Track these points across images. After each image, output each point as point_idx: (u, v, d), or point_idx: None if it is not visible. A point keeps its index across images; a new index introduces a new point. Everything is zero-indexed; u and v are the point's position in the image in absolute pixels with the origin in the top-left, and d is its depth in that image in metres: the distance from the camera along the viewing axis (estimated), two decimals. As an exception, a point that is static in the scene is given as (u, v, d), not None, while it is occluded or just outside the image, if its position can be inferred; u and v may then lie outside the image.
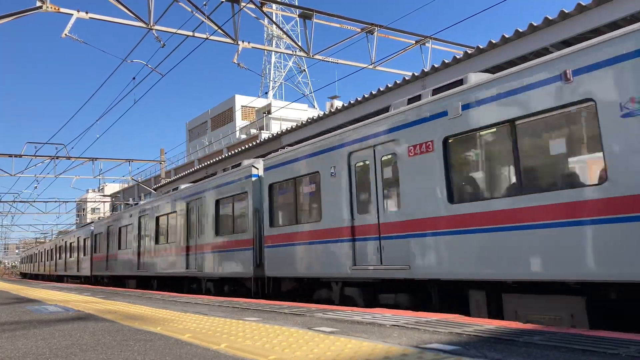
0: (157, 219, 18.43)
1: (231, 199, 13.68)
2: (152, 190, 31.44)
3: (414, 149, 8.01)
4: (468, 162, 7.56)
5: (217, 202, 14.27)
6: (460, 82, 7.84)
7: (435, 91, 8.23)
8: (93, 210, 69.59)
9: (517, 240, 6.37)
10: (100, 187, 68.36)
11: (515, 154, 6.55)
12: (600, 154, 5.75)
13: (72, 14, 12.19)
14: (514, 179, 6.67)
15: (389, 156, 8.61)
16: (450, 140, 7.49)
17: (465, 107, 7.20)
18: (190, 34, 13.12)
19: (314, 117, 19.83)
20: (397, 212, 8.27)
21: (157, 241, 18.37)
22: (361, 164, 9.17)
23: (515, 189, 6.57)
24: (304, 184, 10.86)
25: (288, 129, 21.71)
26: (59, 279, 39.00)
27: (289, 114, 40.47)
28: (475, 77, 7.68)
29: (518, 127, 6.57)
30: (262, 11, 14.08)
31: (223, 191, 14.03)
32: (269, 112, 41.86)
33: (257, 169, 12.73)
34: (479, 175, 7.38)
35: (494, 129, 6.90)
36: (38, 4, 11.63)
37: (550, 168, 6.41)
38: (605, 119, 5.71)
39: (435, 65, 14.15)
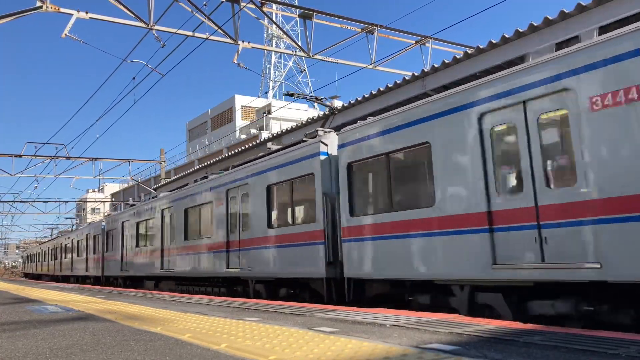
0: (186, 211, 16.06)
1: (289, 184, 11.19)
2: (152, 190, 31.41)
3: (606, 99, 5.78)
4: None
5: (269, 188, 11.89)
6: None
7: None
8: (93, 210, 69.55)
9: None
10: (100, 187, 68.35)
11: None
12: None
13: (72, 14, 12.19)
14: None
15: (556, 112, 6.30)
16: None
17: None
18: (190, 34, 13.12)
19: (314, 117, 19.84)
20: (572, 190, 6.02)
21: (186, 237, 16.01)
22: (502, 127, 6.89)
23: None
24: (402, 160, 8.59)
25: (288, 128, 21.72)
26: (65, 279, 37.37)
27: (289, 114, 40.46)
28: None
29: None
30: (262, 11, 14.08)
31: (277, 175, 11.68)
32: (269, 112, 41.86)
33: (327, 145, 10.42)
34: None
35: None
36: (38, 3, 11.63)
37: None
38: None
39: (435, 65, 14.15)
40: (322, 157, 10.30)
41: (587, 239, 5.81)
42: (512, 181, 6.78)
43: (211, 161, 28.71)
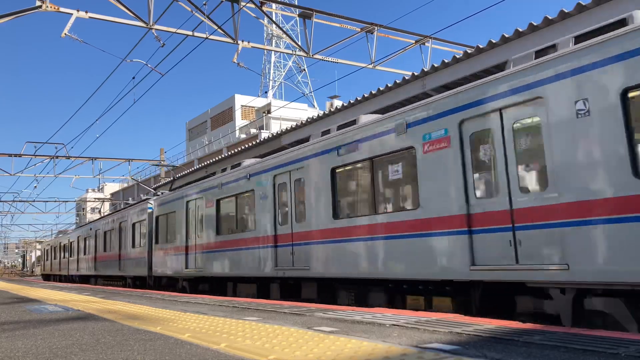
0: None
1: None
2: (152, 190, 31.41)
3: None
4: None
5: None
6: None
7: None
8: (93, 210, 69.52)
9: None
10: (100, 187, 68.33)
11: None
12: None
13: (71, 14, 12.18)
14: None
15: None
16: None
17: None
18: (190, 33, 13.11)
19: (314, 117, 19.83)
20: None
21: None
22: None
23: None
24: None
25: (288, 128, 21.71)
26: (92, 280, 29.21)
27: (288, 113, 40.48)
28: None
29: None
30: (262, 11, 14.07)
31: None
32: (269, 112, 41.86)
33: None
34: None
35: None
36: (38, 3, 11.62)
37: None
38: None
39: (435, 65, 14.15)
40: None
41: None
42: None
43: (211, 161, 28.72)
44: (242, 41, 13.96)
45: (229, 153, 27.12)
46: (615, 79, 5.83)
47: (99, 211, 53.23)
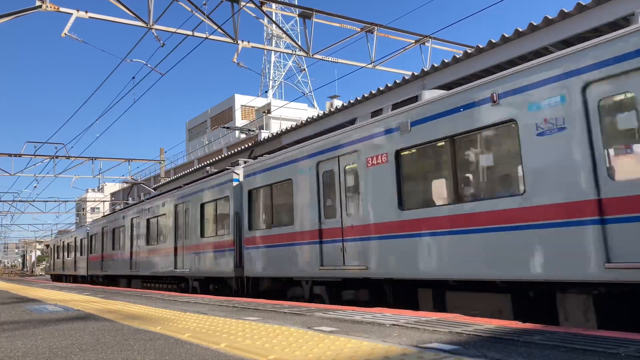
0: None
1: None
2: (152, 190, 31.37)
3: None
4: None
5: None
6: None
7: None
8: (93, 209, 69.55)
9: None
10: (100, 187, 68.34)
11: None
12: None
13: (71, 14, 12.19)
14: None
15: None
16: None
17: None
18: (190, 33, 13.11)
19: (314, 117, 19.83)
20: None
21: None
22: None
23: None
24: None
25: (288, 128, 21.71)
26: (124, 282, 22.90)
27: (288, 113, 40.47)
28: None
29: None
30: (262, 10, 14.07)
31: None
32: (269, 112, 41.86)
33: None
34: None
35: None
36: (37, 3, 11.62)
37: None
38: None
39: (435, 65, 14.15)
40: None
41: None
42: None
43: (211, 160, 28.71)
44: (242, 41, 13.96)
45: (229, 153, 27.12)
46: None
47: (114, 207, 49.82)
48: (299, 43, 15.21)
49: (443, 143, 7.88)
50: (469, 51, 13.27)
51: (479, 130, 7.32)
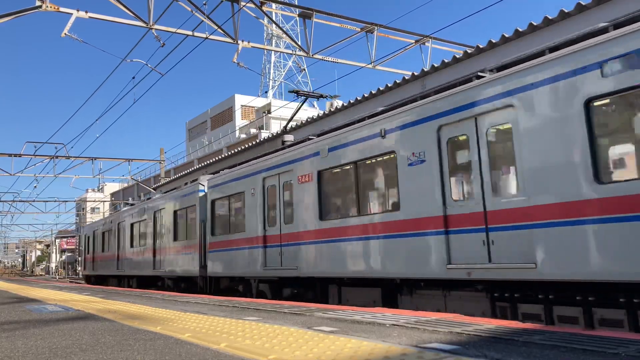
0: None
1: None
2: (152, 190, 31.36)
3: None
4: None
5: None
6: None
7: None
8: (93, 210, 69.51)
9: None
10: (100, 187, 68.33)
11: None
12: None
13: (71, 14, 12.18)
14: None
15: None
16: None
17: None
18: (190, 33, 13.11)
19: (314, 117, 19.83)
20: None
21: None
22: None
23: None
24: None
25: (288, 128, 21.69)
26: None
27: (288, 113, 40.47)
28: None
29: None
30: (262, 10, 14.07)
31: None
32: (269, 112, 41.87)
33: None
34: None
35: None
36: (38, 3, 11.62)
37: None
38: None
39: (435, 65, 14.15)
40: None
41: None
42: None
43: (211, 161, 28.71)
44: (242, 41, 13.96)
45: (229, 153, 27.11)
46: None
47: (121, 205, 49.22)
48: (299, 43, 15.21)
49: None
50: (469, 51, 13.27)
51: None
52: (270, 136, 22.96)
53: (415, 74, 14.74)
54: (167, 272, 16.98)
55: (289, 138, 13.58)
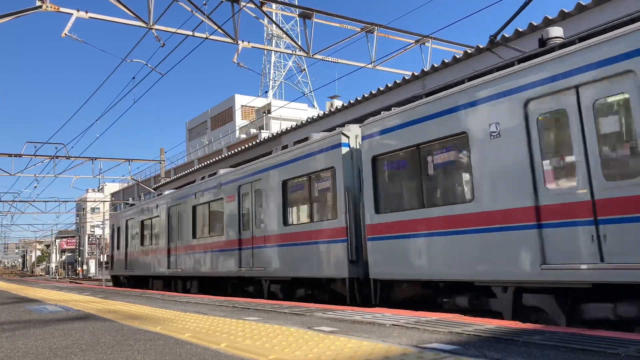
0: None
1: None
2: (152, 190, 31.34)
3: None
4: None
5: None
6: None
7: None
8: (93, 210, 69.49)
9: None
10: (100, 187, 68.32)
11: None
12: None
13: (71, 14, 12.18)
14: None
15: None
16: None
17: None
18: (190, 33, 13.11)
19: (314, 117, 19.84)
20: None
21: None
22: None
23: None
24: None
25: (288, 128, 21.71)
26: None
27: (288, 113, 40.48)
28: None
29: None
30: (262, 11, 14.07)
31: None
32: (269, 112, 41.85)
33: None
34: None
35: None
36: (38, 3, 11.61)
37: None
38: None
39: (435, 65, 14.15)
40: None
41: None
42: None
43: (211, 161, 28.71)
44: (242, 41, 13.95)
45: (229, 153, 27.11)
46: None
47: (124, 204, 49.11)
48: (299, 43, 15.21)
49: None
50: (469, 51, 13.27)
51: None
52: (270, 136, 22.96)
53: (416, 74, 14.74)
54: (270, 273, 11.56)
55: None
